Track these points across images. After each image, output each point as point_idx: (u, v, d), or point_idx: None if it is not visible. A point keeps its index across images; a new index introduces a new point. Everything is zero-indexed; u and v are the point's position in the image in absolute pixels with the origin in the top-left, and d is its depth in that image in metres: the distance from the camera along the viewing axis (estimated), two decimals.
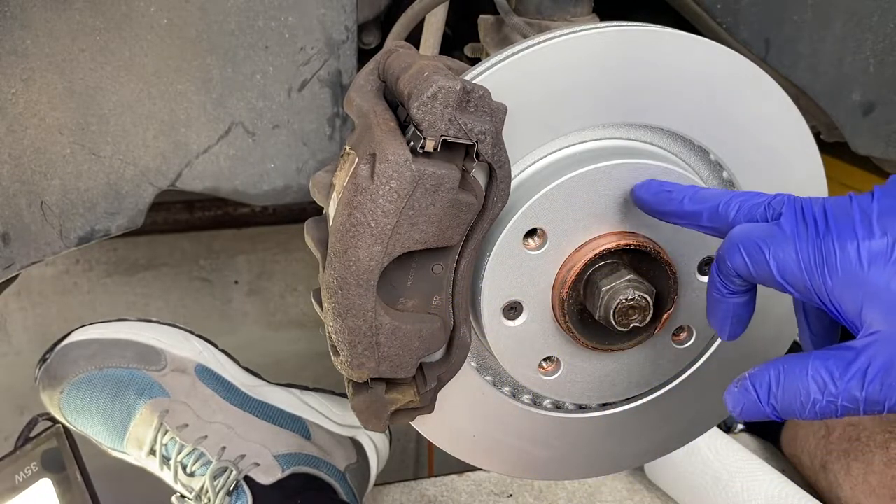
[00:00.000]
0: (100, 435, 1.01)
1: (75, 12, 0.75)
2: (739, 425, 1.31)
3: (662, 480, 1.17)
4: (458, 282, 0.60)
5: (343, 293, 0.56)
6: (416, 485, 1.20)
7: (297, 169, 0.86)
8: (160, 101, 0.80)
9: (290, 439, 1.03)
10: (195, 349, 1.06)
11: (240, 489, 0.97)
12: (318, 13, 0.81)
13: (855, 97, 0.90)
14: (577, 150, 0.64)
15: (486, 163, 0.56)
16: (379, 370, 0.60)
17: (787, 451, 1.22)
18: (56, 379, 1.00)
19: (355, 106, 0.61)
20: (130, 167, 0.81)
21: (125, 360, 1.01)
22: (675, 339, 0.71)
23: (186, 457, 0.98)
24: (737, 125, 0.66)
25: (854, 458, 1.09)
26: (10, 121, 0.75)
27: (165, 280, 1.78)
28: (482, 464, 0.76)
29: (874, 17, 0.87)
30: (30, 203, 0.78)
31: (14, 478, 0.92)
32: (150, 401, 1.00)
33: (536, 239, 0.64)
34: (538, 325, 0.66)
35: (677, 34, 0.64)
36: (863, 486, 1.07)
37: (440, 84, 0.53)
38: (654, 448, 0.80)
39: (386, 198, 0.54)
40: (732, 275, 0.55)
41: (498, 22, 0.86)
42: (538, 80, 0.61)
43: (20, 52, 0.74)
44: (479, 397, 0.71)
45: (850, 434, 1.12)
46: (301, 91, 0.83)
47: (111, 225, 0.83)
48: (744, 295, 0.57)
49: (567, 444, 0.76)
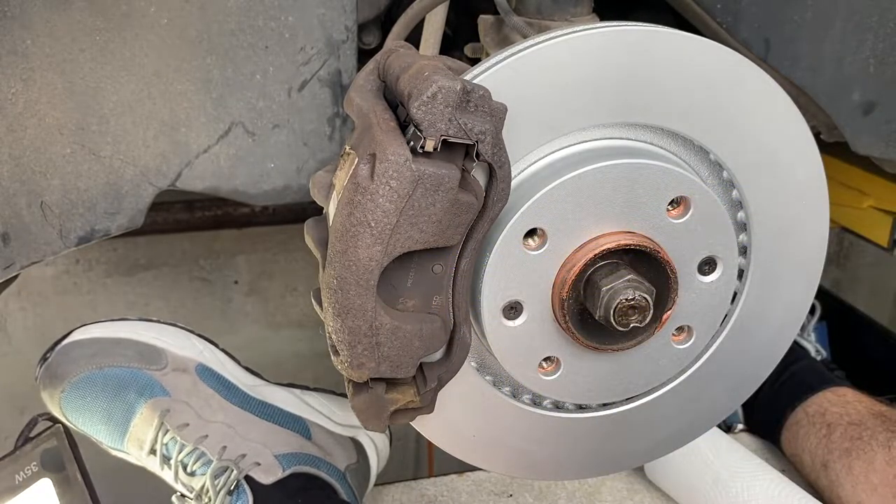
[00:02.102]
0: (100, 434, 1.01)
1: (75, 12, 0.75)
2: (739, 425, 1.31)
3: (662, 480, 1.17)
4: (458, 282, 0.60)
5: (343, 293, 0.56)
6: (416, 485, 1.20)
7: (297, 169, 0.86)
8: (160, 101, 0.80)
9: (290, 439, 1.03)
10: (196, 348, 1.06)
11: (240, 489, 0.97)
12: (318, 13, 0.81)
13: (855, 97, 0.90)
14: (577, 149, 0.64)
15: (486, 163, 0.56)
16: (379, 370, 0.60)
17: (788, 451, 1.22)
18: (57, 378, 1.00)
19: (355, 106, 0.61)
20: (130, 167, 0.81)
21: (126, 360, 1.01)
22: (675, 339, 0.71)
23: (187, 456, 0.98)
24: (737, 125, 0.66)
25: (856, 457, 1.09)
26: (10, 121, 0.75)
27: (165, 280, 1.78)
28: (482, 464, 0.76)
29: (874, 17, 0.87)
30: (30, 203, 0.78)
31: (14, 478, 0.92)
32: (151, 400, 1.00)
33: (536, 239, 0.63)
34: (538, 325, 0.66)
35: (677, 34, 0.64)
36: (864, 484, 1.07)
37: (440, 84, 0.53)
38: (654, 448, 0.80)
39: (386, 198, 0.54)
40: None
41: (498, 22, 0.86)
42: (538, 80, 0.61)
43: (20, 52, 0.74)
44: (479, 397, 0.71)
45: (852, 433, 1.12)
46: (301, 91, 0.83)
47: (111, 225, 0.83)
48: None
49: (567, 444, 0.76)
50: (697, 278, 0.68)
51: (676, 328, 0.70)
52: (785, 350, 0.77)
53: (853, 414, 1.15)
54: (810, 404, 1.20)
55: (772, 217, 0.70)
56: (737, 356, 0.75)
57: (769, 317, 0.75)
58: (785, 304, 0.75)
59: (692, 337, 0.71)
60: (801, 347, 1.39)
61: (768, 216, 0.70)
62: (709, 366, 0.75)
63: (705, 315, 0.70)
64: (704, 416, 0.79)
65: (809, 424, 1.18)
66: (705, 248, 0.67)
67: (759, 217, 0.70)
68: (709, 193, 0.65)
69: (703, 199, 0.65)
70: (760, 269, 0.72)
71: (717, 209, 0.66)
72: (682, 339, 0.71)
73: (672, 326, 0.69)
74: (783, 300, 0.74)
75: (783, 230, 0.71)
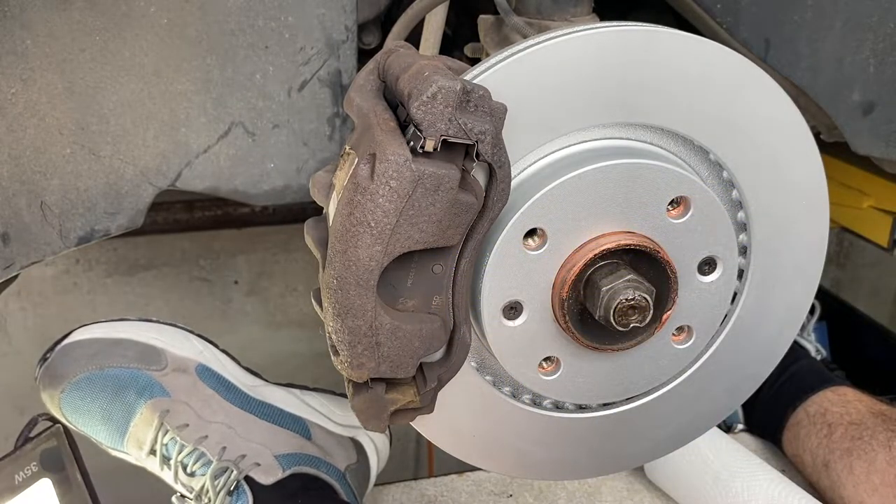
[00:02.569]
0: (100, 435, 1.01)
1: (75, 12, 0.75)
2: (739, 425, 1.31)
3: (662, 480, 1.17)
4: (458, 282, 0.60)
5: (343, 293, 0.56)
6: (416, 485, 1.20)
7: (297, 169, 0.86)
8: (160, 101, 0.80)
9: (290, 439, 1.03)
10: (196, 349, 1.06)
11: (240, 489, 0.97)
12: (317, 13, 0.81)
13: (855, 97, 0.90)
14: (577, 150, 0.64)
15: (486, 163, 0.56)
16: (379, 370, 0.60)
17: (789, 451, 1.22)
18: (57, 378, 1.00)
19: (355, 106, 0.61)
20: (130, 167, 0.81)
21: (126, 360, 1.01)
22: (675, 339, 0.71)
23: (187, 457, 0.98)
24: (737, 125, 0.66)
25: (857, 457, 1.09)
26: (9, 121, 0.75)
27: (165, 280, 1.78)
28: (482, 464, 0.76)
29: (874, 17, 0.87)
30: (30, 203, 0.78)
31: (14, 478, 0.92)
32: (151, 400, 1.00)
33: (536, 239, 0.63)
34: (538, 325, 0.66)
35: (677, 34, 0.64)
36: (866, 484, 1.07)
37: (440, 84, 0.53)
38: (654, 448, 0.80)
39: (386, 198, 0.54)
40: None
41: (498, 22, 0.86)
42: (538, 80, 0.61)
43: (20, 52, 0.74)
44: (479, 397, 0.71)
45: (853, 433, 1.12)
46: (301, 91, 0.83)
47: (111, 225, 0.83)
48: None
49: (567, 445, 0.76)
50: (697, 278, 0.68)
51: (676, 328, 0.70)
52: (785, 350, 0.77)
53: (854, 413, 1.15)
54: (811, 404, 1.20)
55: (772, 217, 0.70)
56: (737, 356, 0.75)
57: (769, 317, 0.75)
58: (785, 305, 0.75)
59: (692, 337, 0.71)
60: (801, 347, 1.39)
61: (768, 216, 0.70)
62: (709, 366, 0.75)
63: (705, 315, 0.70)
64: (704, 416, 0.79)
65: (810, 424, 1.18)
66: (705, 248, 0.67)
67: (759, 217, 0.70)
68: (709, 193, 0.65)
69: (703, 200, 0.65)
70: (760, 270, 0.72)
71: (717, 209, 0.66)
72: (682, 339, 0.71)
73: (672, 326, 0.69)
74: (783, 300, 0.74)
75: (783, 230, 0.71)
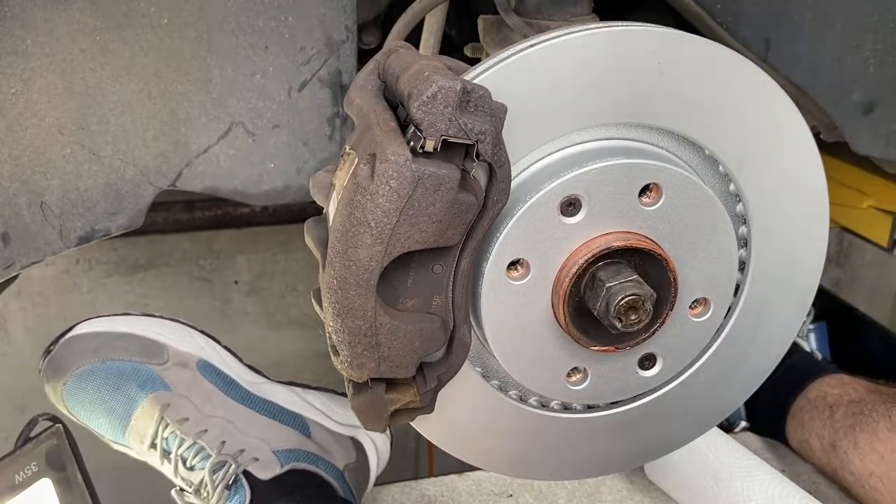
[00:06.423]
0: (101, 427, 1.01)
1: (75, 12, 0.75)
2: (742, 423, 1.32)
3: (662, 480, 1.17)
4: (458, 282, 0.60)
5: (343, 293, 0.56)
6: (416, 485, 1.20)
7: (297, 169, 0.86)
8: (160, 101, 0.80)
9: (289, 436, 1.04)
10: (197, 344, 1.07)
11: (238, 483, 0.97)
12: (318, 13, 0.81)
13: (855, 97, 0.90)
14: (577, 150, 0.64)
15: (486, 163, 0.56)
16: (379, 370, 0.60)
17: (795, 439, 1.23)
18: (60, 370, 1.01)
19: (355, 106, 0.61)
20: (130, 167, 0.81)
21: (128, 354, 1.02)
22: (692, 313, 0.70)
23: (187, 450, 0.98)
24: (737, 125, 0.66)
25: (859, 430, 1.12)
26: (10, 121, 0.75)
27: (165, 280, 1.78)
28: (482, 464, 0.76)
29: (874, 17, 0.87)
30: (30, 203, 0.78)
31: (14, 477, 0.92)
32: (152, 394, 1.00)
33: (520, 268, 0.64)
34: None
35: (677, 34, 0.64)
36: (871, 455, 1.10)
37: (440, 84, 0.53)
38: (654, 448, 0.80)
39: (386, 198, 0.54)
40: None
41: (498, 22, 0.86)
42: (538, 80, 0.61)
43: (20, 52, 0.74)
44: (479, 397, 0.71)
45: (854, 409, 1.15)
46: (301, 91, 0.83)
47: (111, 225, 0.83)
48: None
49: (568, 444, 0.75)
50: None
51: (693, 301, 0.69)
52: (787, 345, 0.77)
53: (852, 393, 1.19)
54: (811, 390, 1.23)
55: (771, 218, 0.70)
56: (737, 356, 0.75)
57: (769, 316, 0.75)
58: (785, 304, 0.75)
59: (709, 309, 0.70)
60: (794, 344, 1.40)
61: (768, 217, 0.70)
62: (709, 365, 0.75)
63: (721, 285, 0.69)
64: (705, 415, 0.79)
65: (813, 409, 1.21)
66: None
67: (758, 219, 0.70)
68: (709, 193, 0.65)
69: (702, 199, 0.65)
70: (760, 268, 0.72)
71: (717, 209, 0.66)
72: (700, 312, 0.70)
73: (687, 301, 0.69)
74: (783, 300, 0.74)
75: (783, 230, 0.71)
